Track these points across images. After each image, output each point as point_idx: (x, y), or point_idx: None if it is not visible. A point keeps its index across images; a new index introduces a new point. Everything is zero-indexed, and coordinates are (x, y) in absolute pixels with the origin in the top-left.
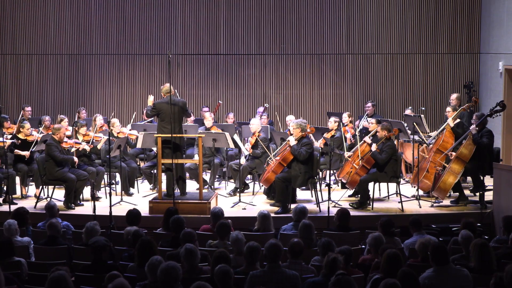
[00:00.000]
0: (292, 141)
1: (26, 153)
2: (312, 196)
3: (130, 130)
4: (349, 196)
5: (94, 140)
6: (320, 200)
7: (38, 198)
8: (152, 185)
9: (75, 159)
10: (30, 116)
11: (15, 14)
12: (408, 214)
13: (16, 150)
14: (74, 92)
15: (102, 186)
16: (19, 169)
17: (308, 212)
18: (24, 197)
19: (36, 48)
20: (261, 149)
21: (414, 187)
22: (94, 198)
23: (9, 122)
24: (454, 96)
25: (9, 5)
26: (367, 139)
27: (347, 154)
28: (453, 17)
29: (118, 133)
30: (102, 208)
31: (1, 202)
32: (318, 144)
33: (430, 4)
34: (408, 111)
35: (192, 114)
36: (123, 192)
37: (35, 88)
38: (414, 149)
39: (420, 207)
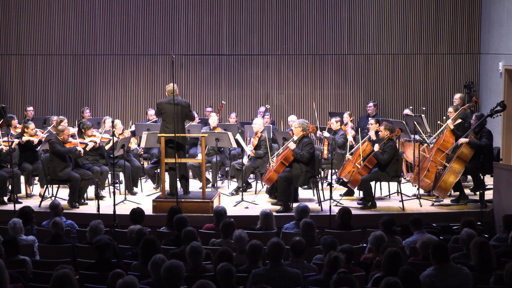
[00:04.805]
0: (292, 145)
1: (34, 139)
2: (314, 195)
3: (130, 131)
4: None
5: (101, 141)
6: (321, 199)
7: (43, 197)
8: (155, 184)
9: (79, 148)
10: (32, 116)
11: (19, 15)
12: (409, 213)
13: (24, 138)
14: (78, 92)
15: (106, 185)
16: (24, 168)
17: (310, 211)
18: (29, 196)
19: (40, 48)
20: (263, 150)
21: (415, 186)
22: (98, 197)
23: (16, 121)
24: (457, 96)
25: (13, 6)
26: (376, 146)
27: (347, 155)
28: (453, 18)
29: (119, 134)
30: (106, 207)
31: (6, 201)
32: (322, 146)
33: (431, 5)
34: (407, 111)
35: (195, 117)
36: (126, 191)
37: (39, 88)
38: (415, 148)
39: (421, 206)
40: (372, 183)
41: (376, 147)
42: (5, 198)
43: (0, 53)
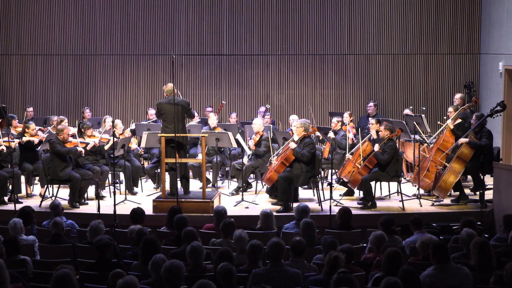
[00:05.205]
0: (292, 145)
1: (35, 139)
2: (314, 195)
3: (129, 130)
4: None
5: (100, 141)
6: (322, 199)
7: (43, 197)
8: (155, 184)
9: (80, 148)
10: (32, 116)
11: (20, 15)
12: (409, 213)
13: (24, 138)
14: (78, 92)
15: (106, 185)
16: (24, 168)
17: (310, 211)
18: (29, 196)
19: (40, 48)
20: (263, 148)
21: (415, 186)
22: (99, 197)
23: (17, 120)
24: (458, 96)
25: (14, 5)
26: (377, 146)
27: (348, 155)
28: (453, 18)
29: (120, 134)
30: (106, 207)
31: (7, 201)
32: (323, 148)
33: (431, 5)
34: (407, 111)
35: (195, 115)
36: (127, 191)
37: (39, 88)
38: (415, 148)
39: (421, 206)
40: (372, 183)
41: (376, 147)
42: (6, 198)
43: (1, 53)
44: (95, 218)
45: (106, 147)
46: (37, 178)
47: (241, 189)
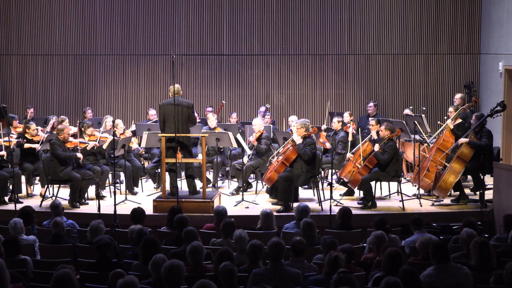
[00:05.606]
0: (298, 139)
1: (36, 146)
2: (314, 195)
3: (130, 132)
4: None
5: (100, 140)
6: (322, 198)
7: (44, 197)
8: (156, 184)
9: (79, 155)
10: (33, 117)
11: (21, 15)
12: (409, 213)
13: (26, 144)
14: (79, 92)
15: (106, 185)
16: (25, 168)
17: (310, 211)
18: (29, 196)
19: (41, 48)
20: (264, 145)
21: (415, 186)
22: (99, 197)
23: (17, 121)
24: (458, 96)
25: (15, 6)
26: (377, 146)
27: (349, 154)
28: (453, 18)
29: (121, 134)
30: (106, 207)
31: (7, 201)
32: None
33: (431, 5)
34: (407, 111)
35: (196, 121)
36: (127, 191)
37: (40, 89)
38: (415, 148)
39: (421, 205)
40: (372, 183)
41: (377, 147)
42: (6, 198)
43: (2, 53)
44: (95, 218)
45: (104, 146)
46: (37, 178)
47: (241, 189)
